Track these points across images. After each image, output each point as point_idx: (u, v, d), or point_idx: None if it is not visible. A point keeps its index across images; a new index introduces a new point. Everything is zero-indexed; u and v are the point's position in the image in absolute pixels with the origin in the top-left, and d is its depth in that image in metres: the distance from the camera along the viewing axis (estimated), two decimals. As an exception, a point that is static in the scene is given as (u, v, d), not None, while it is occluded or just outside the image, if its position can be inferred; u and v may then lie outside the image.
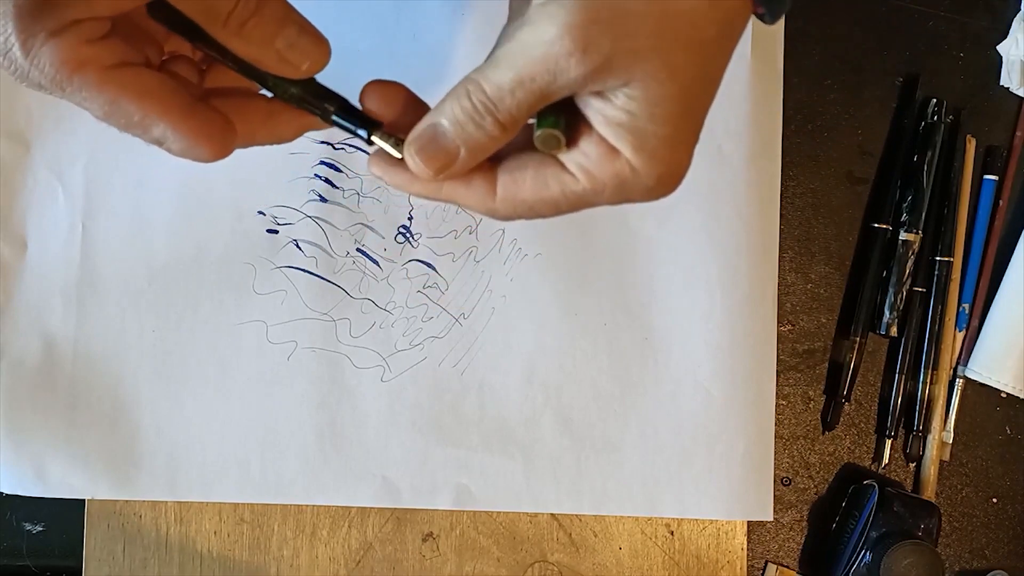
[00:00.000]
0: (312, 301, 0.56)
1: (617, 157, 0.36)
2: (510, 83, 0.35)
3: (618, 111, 0.36)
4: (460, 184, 0.38)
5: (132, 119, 0.37)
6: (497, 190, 0.38)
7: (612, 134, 0.36)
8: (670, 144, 0.36)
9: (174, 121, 0.37)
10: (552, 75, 0.34)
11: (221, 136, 0.38)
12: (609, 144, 0.36)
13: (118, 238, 0.55)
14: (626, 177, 0.36)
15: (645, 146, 0.36)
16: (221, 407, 0.55)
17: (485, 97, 0.36)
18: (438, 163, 0.37)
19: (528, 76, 0.35)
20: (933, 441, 0.58)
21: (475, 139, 0.36)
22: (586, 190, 0.37)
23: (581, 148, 0.37)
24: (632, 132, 0.36)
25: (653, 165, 0.36)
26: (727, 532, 0.57)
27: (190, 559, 0.55)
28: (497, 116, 0.36)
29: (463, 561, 0.56)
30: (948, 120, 0.58)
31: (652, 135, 0.36)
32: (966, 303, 0.58)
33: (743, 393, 0.56)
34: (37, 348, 0.55)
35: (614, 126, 0.36)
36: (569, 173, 0.37)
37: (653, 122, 0.36)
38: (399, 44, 0.56)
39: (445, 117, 0.37)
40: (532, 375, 0.56)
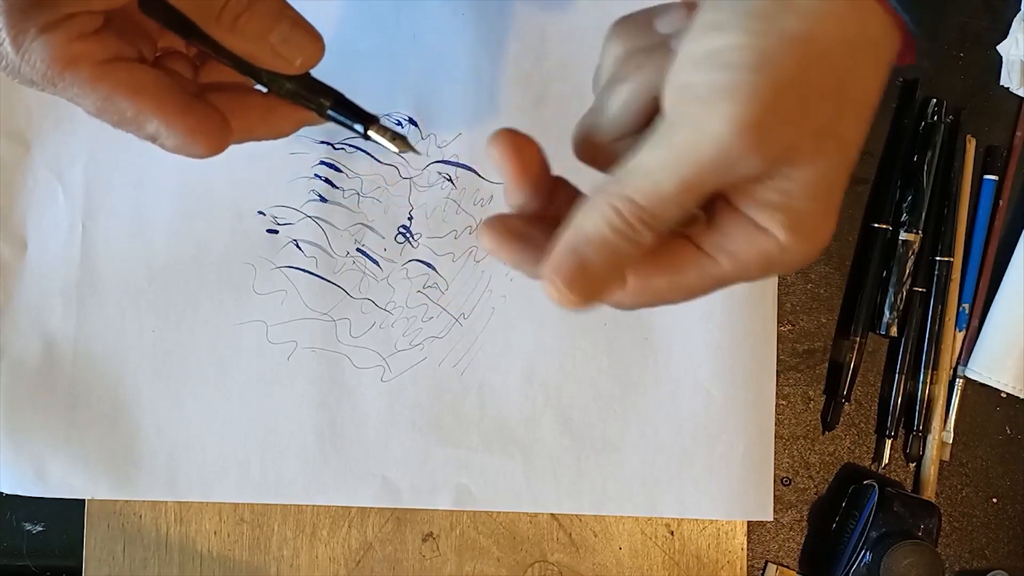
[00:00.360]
0: (312, 301, 0.56)
1: (765, 236, 0.33)
2: (674, 191, 0.31)
3: (771, 191, 0.32)
4: None
5: (125, 115, 0.36)
6: (629, 283, 0.34)
7: (763, 215, 0.32)
8: (823, 216, 0.33)
9: (168, 117, 0.36)
10: (726, 174, 0.31)
11: (216, 132, 0.38)
12: (756, 223, 0.33)
13: (118, 238, 0.55)
14: (773, 256, 0.33)
15: (800, 226, 0.32)
16: (221, 407, 0.55)
17: (639, 211, 0.32)
18: (585, 294, 0.33)
19: (697, 181, 0.31)
20: (933, 441, 0.58)
21: (626, 255, 0.32)
22: (726, 273, 0.33)
23: (720, 228, 0.33)
24: (786, 212, 0.32)
25: (805, 241, 0.33)
26: (727, 532, 0.57)
27: (190, 559, 0.55)
28: (655, 228, 0.32)
29: (463, 561, 0.56)
30: (948, 120, 0.58)
31: (808, 213, 0.32)
32: (966, 303, 0.58)
33: (743, 393, 0.56)
34: (37, 348, 0.55)
35: (765, 206, 0.32)
36: (707, 255, 0.33)
37: (812, 200, 0.32)
38: (399, 44, 0.56)
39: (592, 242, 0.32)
40: (532, 375, 0.56)
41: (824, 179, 0.32)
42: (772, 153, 0.31)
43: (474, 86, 0.56)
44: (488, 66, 0.56)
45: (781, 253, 0.33)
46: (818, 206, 0.32)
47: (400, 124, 0.56)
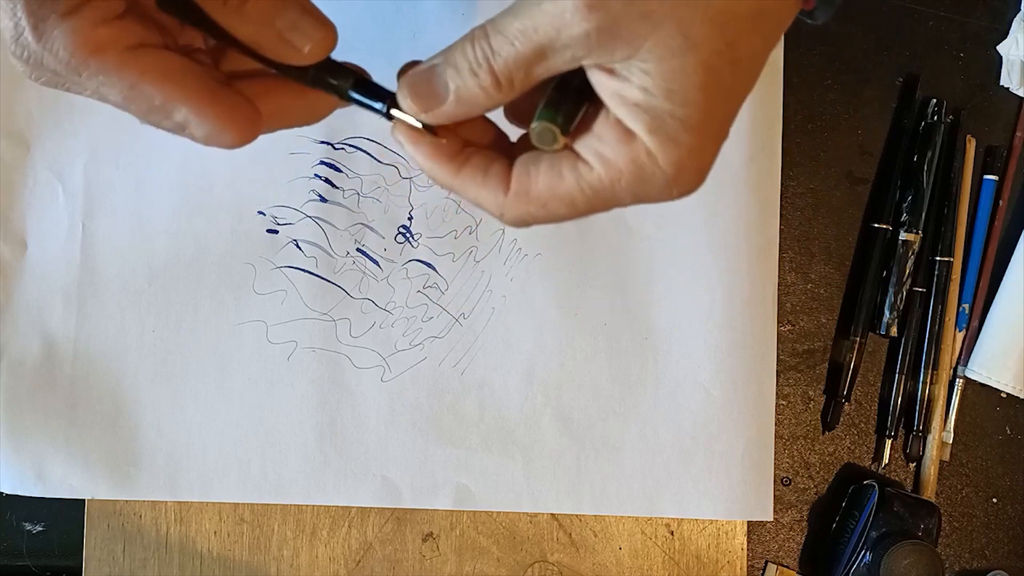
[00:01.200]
0: (312, 301, 0.56)
1: (633, 140, 0.34)
2: (513, 32, 0.33)
3: (633, 88, 0.33)
4: (477, 173, 0.36)
5: (153, 103, 0.35)
6: (511, 184, 0.36)
7: (627, 114, 0.34)
8: (690, 128, 0.33)
9: (197, 105, 0.35)
10: (555, 30, 0.32)
11: (246, 120, 0.36)
12: (624, 126, 0.34)
13: (118, 238, 0.55)
14: (643, 163, 0.34)
15: (662, 127, 0.33)
16: (221, 407, 0.55)
17: (487, 44, 0.34)
18: (424, 102, 0.35)
19: (531, 27, 0.33)
20: (933, 441, 0.58)
21: (467, 88, 0.34)
22: (601, 179, 0.34)
23: (595, 132, 0.35)
24: (647, 111, 0.33)
25: (671, 150, 0.34)
26: (727, 532, 0.57)
27: (190, 559, 0.55)
28: (493, 66, 0.34)
29: (463, 561, 0.56)
30: (948, 120, 0.58)
31: (669, 115, 0.33)
32: (966, 303, 0.58)
33: (743, 393, 0.56)
34: (37, 348, 0.55)
35: (629, 105, 0.33)
36: (584, 161, 0.35)
37: (670, 100, 0.33)
38: (399, 44, 0.56)
39: (447, 60, 0.35)
40: (532, 375, 0.56)
41: (683, 80, 0.33)
42: (596, 18, 0.32)
43: (474, 86, 0.56)
44: (488, 66, 0.56)
45: (650, 161, 0.34)
46: (683, 112, 0.33)
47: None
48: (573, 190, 0.35)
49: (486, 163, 0.36)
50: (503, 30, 0.33)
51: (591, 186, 0.35)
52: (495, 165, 0.36)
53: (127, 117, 0.55)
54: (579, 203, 0.35)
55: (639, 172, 0.34)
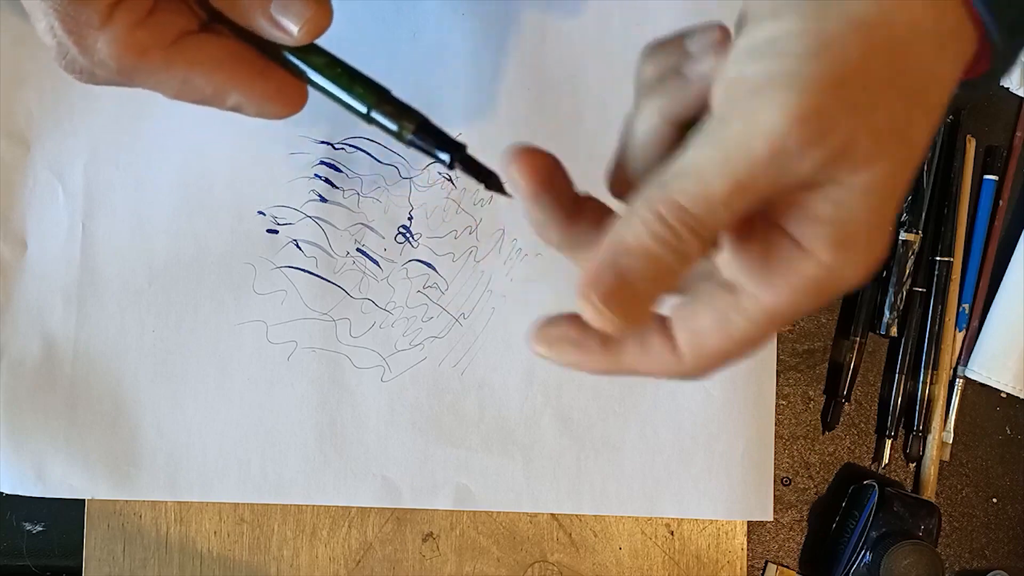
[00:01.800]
0: (312, 301, 0.56)
1: (807, 258, 0.29)
2: (725, 193, 0.27)
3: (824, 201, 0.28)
4: (636, 350, 0.31)
5: (205, 93, 0.35)
6: (680, 349, 0.30)
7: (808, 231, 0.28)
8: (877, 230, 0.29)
9: (249, 88, 0.35)
10: (782, 171, 0.27)
11: (295, 92, 0.37)
12: (799, 245, 0.29)
13: (118, 238, 0.55)
14: (821, 281, 0.29)
15: (850, 241, 0.28)
16: (221, 407, 0.55)
17: (686, 216, 0.28)
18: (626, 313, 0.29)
19: (750, 180, 0.27)
20: (933, 441, 0.58)
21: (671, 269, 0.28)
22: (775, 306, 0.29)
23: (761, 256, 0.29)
24: (836, 225, 0.28)
25: (857, 260, 0.29)
26: (727, 532, 0.57)
27: (190, 559, 0.55)
28: (704, 236, 0.28)
29: (463, 561, 0.56)
30: (948, 120, 0.58)
31: (863, 224, 0.28)
32: (966, 303, 0.58)
33: (743, 393, 0.56)
34: (37, 348, 0.55)
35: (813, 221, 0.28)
36: (747, 293, 0.29)
37: (868, 210, 0.28)
38: (399, 44, 0.56)
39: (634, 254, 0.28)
40: (532, 375, 0.56)
41: (885, 186, 0.28)
42: (832, 147, 0.27)
43: (474, 86, 0.56)
44: (488, 66, 0.56)
45: (829, 276, 0.29)
46: (873, 218, 0.28)
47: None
48: (749, 329, 0.30)
49: (640, 337, 0.31)
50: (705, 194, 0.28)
51: (768, 317, 0.30)
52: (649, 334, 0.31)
53: (127, 117, 0.56)
54: (758, 337, 0.30)
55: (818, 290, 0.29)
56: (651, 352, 0.31)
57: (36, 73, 0.55)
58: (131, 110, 0.55)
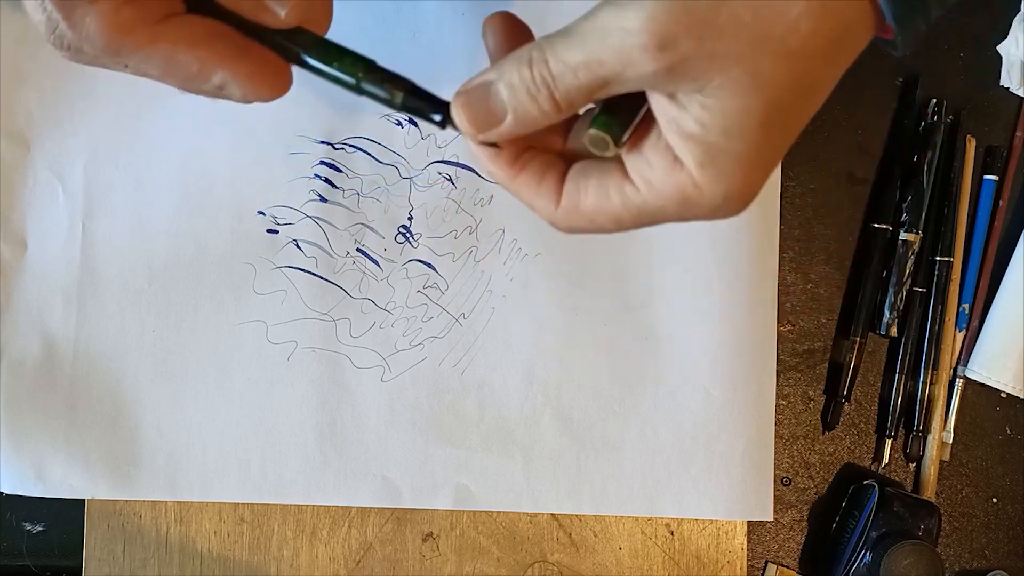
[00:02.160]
0: (312, 301, 0.56)
1: (680, 170, 0.34)
2: (576, 63, 0.33)
3: (690, 120, 0.33)
4: (532, 181, 0.37)
5: (191, 71, 0.36)
6: (562, 198, 0.36)
7: (679, 145, 0.33)
8: (743, 162, 0.33)
9: (232, 66, 0.36)
10: (622, 66, 0.32)
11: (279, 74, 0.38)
12: (674, 155, 0.34)
13: (118, 238, 0.55)
14: (688, 194, 0.34)
15: (714, 162, 0.33)
16: (221, 407, 0.55)
17: (547, 71, 0.34)
18: (480, 123, 0.35)
19: (596, 61, 0.32)
20: (933, 441, 0.58)
21: (525, 110, 0.34)
22: (646, 203, 0.35)
23: (646, 155, 0.34)
24: (700, 145, 0.33)
25: (719, 183, 0.34)
26: (727, 532, 0.57)
27: (190, 559, 0.55)
28: (554, 94, 0.34)
29: (463, 561, 0.56)
30: (948, 120, 0.58)
31: (723, 151, 0.33)
32: (966, 303, 0.58)
33: (743, 393, 0.56)
34: (37, 348, 0.55)
35: (683, 136, 0.33)
36: (631, 183, 0.35)
37: (726, 136, 0.33)
38: (399, 44, 0.56)
39: (502, 80, 0.35)
40: (532, 375, 0.56)
41: (744, 118, 0.32)
42: (666, 58, 0.31)
43: (474, 86, 0.56)
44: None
45: (696, 193, 0.34)
46: (738, 147, 0.33)
47: (400, 124, 0.56)
48: (619, 210, 0.35)
49: (541, 171, 0.37)
50: (564, 59, 0.33)
51: (636, 207, 0.35)
52: (549, 174, 0.37)
53: (127, 117, 0.56)
54: (625, 221, 0.36)
55: (684, 200, 0.34)
56: (540, 187, 0.37)
57: (36, 73, 0.55)
58: (131, 110, 0.55)
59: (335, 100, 0.56)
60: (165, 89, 0.56)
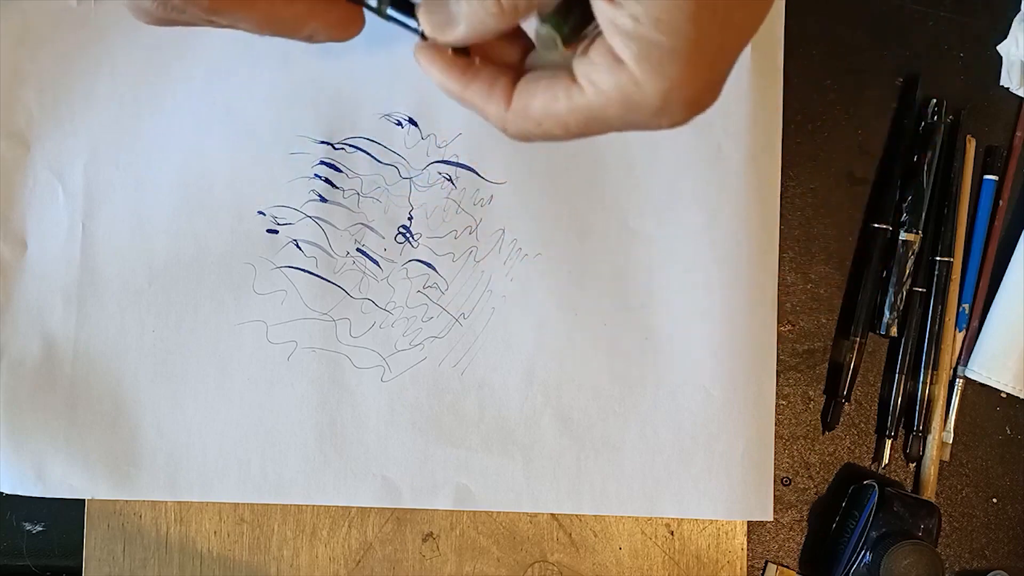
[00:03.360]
0: (312, 301, 0.56)
1: (621, 67, 0.34)
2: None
3: (625, 16, 0.33)
4: (483, 88, 0.38)
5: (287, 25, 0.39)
6: (512, 100, 0.37)
7: (618, 41, 0.34)
8: (679, 58, 0.33)
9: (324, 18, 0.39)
10: None
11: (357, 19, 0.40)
12: (614, 53, 0.34)
13: (118, 238, 0.55)
14: (630, 91, 0.34)
15: (648, 57, 0.33)
16: (221, 407, 0.55)
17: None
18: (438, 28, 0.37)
19: None
20: (933, 441, 0.58)
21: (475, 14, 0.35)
22: (591, 103, 0.35)
23: (590, 56, 0.35)
24: (635, 40, 0.33)
25: (657, 80, 0.34)
26: (727, 532, 0.57)
27: (190, 559, 0.55)
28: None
29: (463, 561, 0.56)
30: (948, 120, 0.58)
31: (656, 45, 0.33)
32: (966, 303, 0.58)
33: (743, 393, 0.56)
34: (37, 348, 0.55)
35: (620, 33, 0.33)
36: (577, 85, 0.35)
37: (658, 30, 0.33)
38: (399, 44, 0.56)
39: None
40: (532, 375, 0.56)
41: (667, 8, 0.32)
42: None
43: (474, 86, 0.56)
44: (488, 66, 0.56)
45: (637, 89, 0.34)
46: (671, 42, 0.33)
47: (400, 124, 0.56)
48: (565, 112, 0.36)
49: (492, 78, 0.38)
50: None
51: (581, 109, 0.35)
52: (501, 80, 0.37)
53: (127, 117, 0.56)
54: (571, 125, 0.36)
55: (626, 100, 0.35)
56: (492, 92, 0.37)
57: (36, 73, 0.55)
58: (131, 110, 0.55)
59: (335, 100, 0.56)
60: (165, 89, 0.56)
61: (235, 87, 0.56)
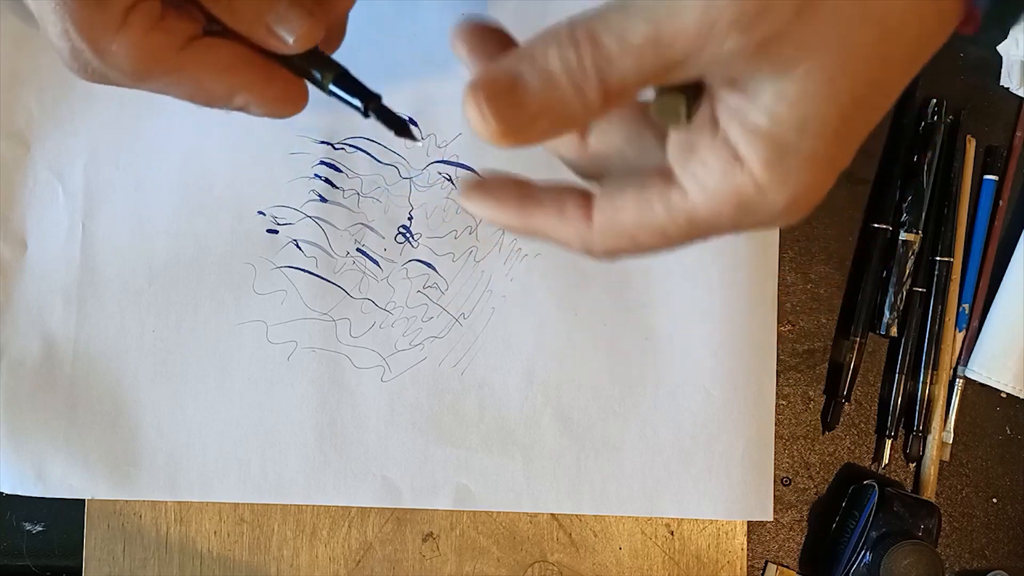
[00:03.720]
0: (312, 301, 0.56)
1: (740, 170, 0.28)
2: (640, 41, 0.26)
3: (759, 112, 0.27)
4: (553, 211, 0.31)
5: (216, 95, 0.37)
6: (594, 217, 0.30)
7: (743, 140, 0.28)
8: (815, 163, 0.28)
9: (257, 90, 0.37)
10: (701, 43, 0.26)
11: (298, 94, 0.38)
12: (733, 152, 0.28)
13: (118, 238, 0.55)
14: (748, 198, 0.29)
15: (782, 161, 0.28)
16: (221, 407, 0.55)
17: (598, 53, 0.27)
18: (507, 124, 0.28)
19: (668, 38, 0.26)
20: (933, 441, 0.58)
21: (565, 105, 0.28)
22: (696, 210, 0.29)
23: (698, 154, 0.29)
24: (769, 141, 0.28)
25: (786, 187, 0.28)
26: (727, 532, 0.57)
27: (190, 559, 0.55)
28: (607, 81, 0.27)
29: (463, 561, 0.56)
30: (948, 120, 0.58)
31: (795, 149, 0.28)
32: (966, 303, 0.58)
33: (743, 393, 0.56)
34: (37, 348, 0.55)
35: (748, 130, 0.28)
36: (678, 188, 0.29)
37: (801, 132, 0.27)
38: (399, 44, 0.56)
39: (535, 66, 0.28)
40: (532, 375, 0.56)
41: (826, 114, 0.27)
42: (759, 32, 0.26)
43: (474, 86, 0.56)
44: (488, 66, 0.56)
45: (757, 195, 0.28)
46: (807, 144, 0.28)
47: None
48: (665, 221, 0.30)
49: (558, 198, 0.31)
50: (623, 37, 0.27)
51: (686, 216, 0.30)
52: (569, 199, 0.31)
53: (127, 117, 0.56)
54: (672, 234, 0.30)
55: (742, 205, 0.29)
56: (565, 216, 0.31)
57: (36, 73, 0.55)
58: (131, 110, 0.55)
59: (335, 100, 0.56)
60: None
61: None
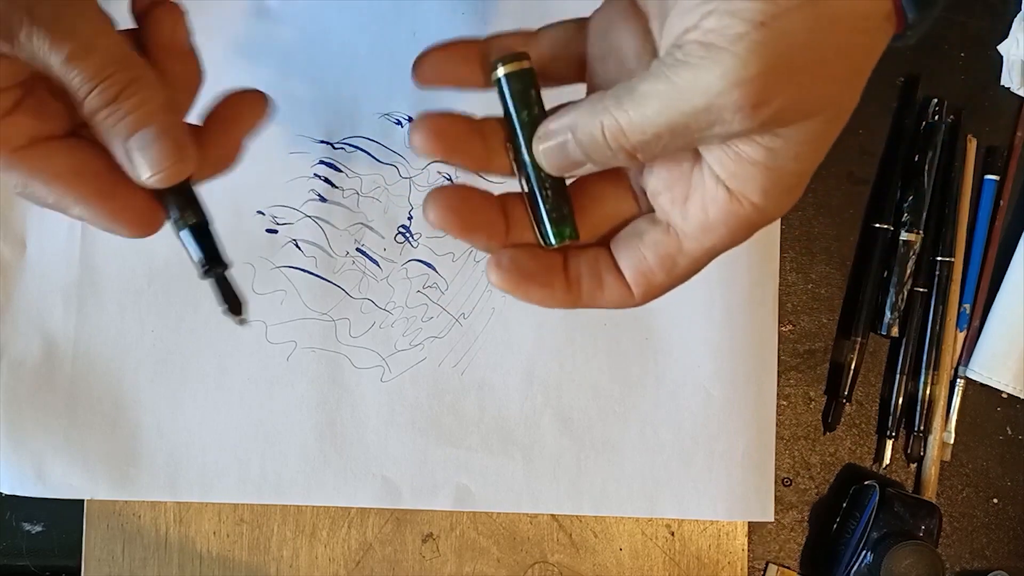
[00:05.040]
0: (312, 301, 0.55)
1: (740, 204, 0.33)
2: (658, 129, 0.31)
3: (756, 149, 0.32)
4: (595, 285, 0.35)
5: (46, 201, 0.34)
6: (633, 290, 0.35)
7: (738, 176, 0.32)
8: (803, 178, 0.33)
9: (90, 205, 0.34)
10: (710, 127, 0.30)
11: (143, 215, 0.35)
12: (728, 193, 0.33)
13: (118, 238, 0.55)
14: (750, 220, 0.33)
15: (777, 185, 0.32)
16: (221, 407, 0.55)
17: (624, 138, 0.32)
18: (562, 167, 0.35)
19: (682, 126, 0.31)
20: (934, 441, 0.57)
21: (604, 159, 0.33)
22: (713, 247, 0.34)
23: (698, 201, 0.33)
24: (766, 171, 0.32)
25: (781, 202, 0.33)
26: (728, 533, 0.56)
27: (190, 559, 0.55)
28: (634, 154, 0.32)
29: (463, 561, 0.56)
30: (949, 120, 0.58)
31: (789, 173, 0.32)
32: (967, 303, 0.58)
33: (744, 393, 0.56)
34: (37, 348, 0.55)
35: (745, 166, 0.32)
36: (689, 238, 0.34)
37: (797, 160, 0.32)
38: (399, 44, 0.56)
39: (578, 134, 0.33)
40: (532, 375, 0.56)
41: (814, 143, 0.32)
42: (761, 115, 0.30)
43: (474, 86, 0.56)
44: (488, 66, 0.56)
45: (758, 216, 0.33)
46: (800, 167, 0.32)
47: (400, 123, 0.56)
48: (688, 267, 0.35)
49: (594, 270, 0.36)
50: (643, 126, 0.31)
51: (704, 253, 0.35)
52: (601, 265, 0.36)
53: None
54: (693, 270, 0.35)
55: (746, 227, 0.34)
56: (607, 289, 0.35)
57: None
58: (131, 110, 0.55)
59: (335, 100, 0.56)
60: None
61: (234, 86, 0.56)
